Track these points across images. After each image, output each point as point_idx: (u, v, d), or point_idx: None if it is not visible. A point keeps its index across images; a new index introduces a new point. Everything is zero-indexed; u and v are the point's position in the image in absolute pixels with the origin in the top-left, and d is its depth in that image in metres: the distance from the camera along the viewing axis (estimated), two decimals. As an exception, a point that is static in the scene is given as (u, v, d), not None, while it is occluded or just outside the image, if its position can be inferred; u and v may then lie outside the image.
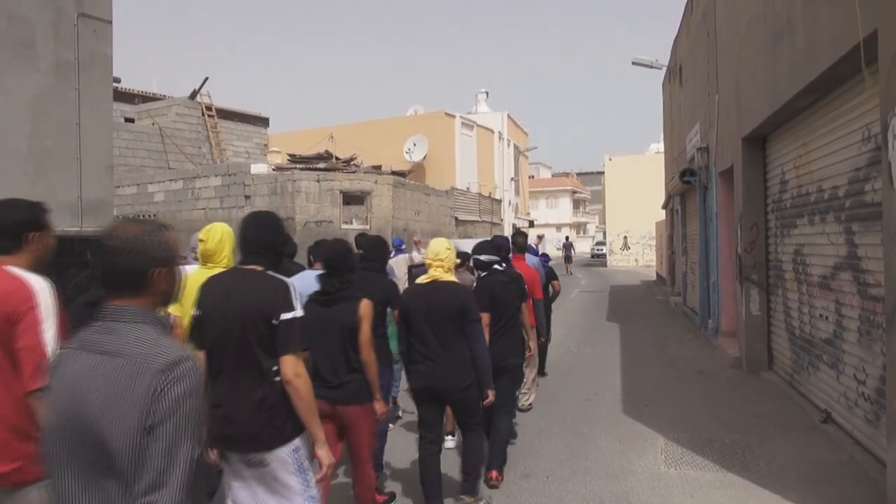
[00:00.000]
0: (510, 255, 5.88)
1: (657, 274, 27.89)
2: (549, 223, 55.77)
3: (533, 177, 58.06)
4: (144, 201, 17.53)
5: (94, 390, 1.62)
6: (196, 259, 4.11)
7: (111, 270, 1.78)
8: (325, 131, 25.78)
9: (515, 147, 35.80)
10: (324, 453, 2.83)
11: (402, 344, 4.30)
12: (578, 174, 78.99)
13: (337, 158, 18.52)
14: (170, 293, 1.89)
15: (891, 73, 4.22)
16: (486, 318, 4.61)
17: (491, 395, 4.29)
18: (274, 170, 16.44)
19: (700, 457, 5.54)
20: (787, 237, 7.81)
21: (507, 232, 31.32)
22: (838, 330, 6.15)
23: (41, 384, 2.23)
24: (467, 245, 7.02)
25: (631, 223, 40.01)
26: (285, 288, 2.85)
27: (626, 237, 41.13)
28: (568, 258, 34.24)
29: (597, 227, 68.49)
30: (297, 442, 2.81)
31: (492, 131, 31.68)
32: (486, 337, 4.47)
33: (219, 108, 24.03)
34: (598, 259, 46.03)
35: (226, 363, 2.79)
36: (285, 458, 2.77)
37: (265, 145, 25.72)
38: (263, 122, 26.50)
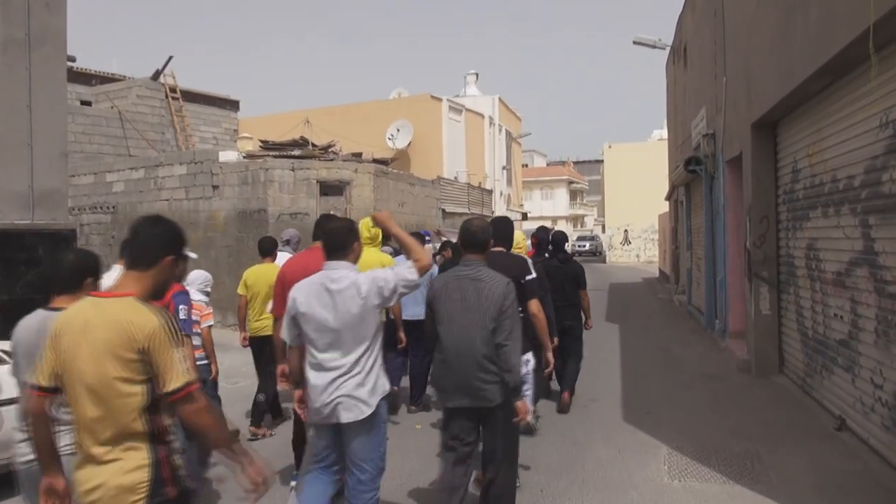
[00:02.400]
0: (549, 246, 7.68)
1: (660, 270, 28.03)
2: (545, 216, 55.85)
3: (527, 165, 58.12)
4: (102, 191, 17.35)
5: (475, 293, 3.95)
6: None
7: (473, 241, 4.15)
8: (300, 115, 25.68)
9: (508, 133, 35.81)
10: (550, 356, 5.17)
11: None
12: (576, 163, 79.19)
13: (313, 145, 18.43)
14: (489, 253, 4.28)
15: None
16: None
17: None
18: (244, 157, 16.33)
19: (706, 467, 5.58)
20: (799, 231, 7.87)
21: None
22: (854, 330, 6.20)
23: None
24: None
25: (632, 216, 40.18)
26: (525, 261, 5.22)
27: (626, 231, 41.30)
28: None
29: (595, 219, 68.72)
30: (529, 354, 5.18)
31: (482, 116, 31.67)
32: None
33: (184, 90, 23.84)
34: (581, 257, 45.17)
35: None
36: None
37: (235, 131, 25.56)
38: (233, 105, 26.33)
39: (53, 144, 9.33)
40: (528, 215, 40.31)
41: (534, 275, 5.04)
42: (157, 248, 2.59)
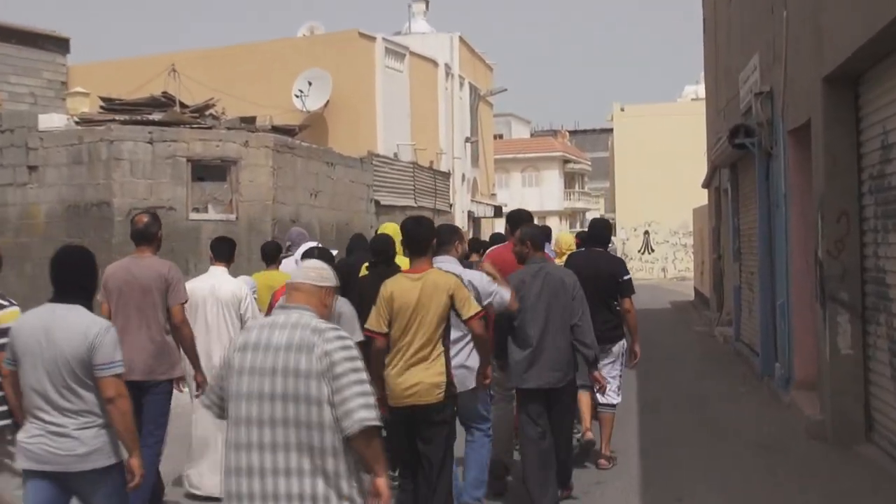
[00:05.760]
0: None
1: (696, 291, 28.36)
2: (528, 209, 56.13)
3: (502, 136, 58.46)
4: None
5: (550, 284, 7.03)
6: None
7: (538, 243, 7.37)
8: (162, 61, 25.37)
9: (473, 89, 35.89)
10: (638, 348, 8.59)
11: None
12: (572, 133, 79.86)
13: (183, 106, 18.27)
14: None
15: None
16: None
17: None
18: (78, 123, 16.11)
19: (762, 579, 5.65)
20: (892, 233, 8.01)
21: (460, 221, 31.35)
22: (970, 377, 6.33)
23: None
24: None
25: (655, 210, 40.60)
26: (622, 262, 9.29)
27: (647, 233, 41.78)
28: None
29: (602, 216, 69.35)
30: (623, 341, 8.47)
31: (435, 64, 31.70)
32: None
33: (-15, 23, 23.46)
34: None
35: (589, 298, 7.19)
36: (617, 347, 8.46)
37: (63, 83, 25.22)
38: (61, 44, 25.97)
39: None
40: (504, 209, 40.30)
41: (629, 275, 8.37)
42: (427, 240, 6.07)
